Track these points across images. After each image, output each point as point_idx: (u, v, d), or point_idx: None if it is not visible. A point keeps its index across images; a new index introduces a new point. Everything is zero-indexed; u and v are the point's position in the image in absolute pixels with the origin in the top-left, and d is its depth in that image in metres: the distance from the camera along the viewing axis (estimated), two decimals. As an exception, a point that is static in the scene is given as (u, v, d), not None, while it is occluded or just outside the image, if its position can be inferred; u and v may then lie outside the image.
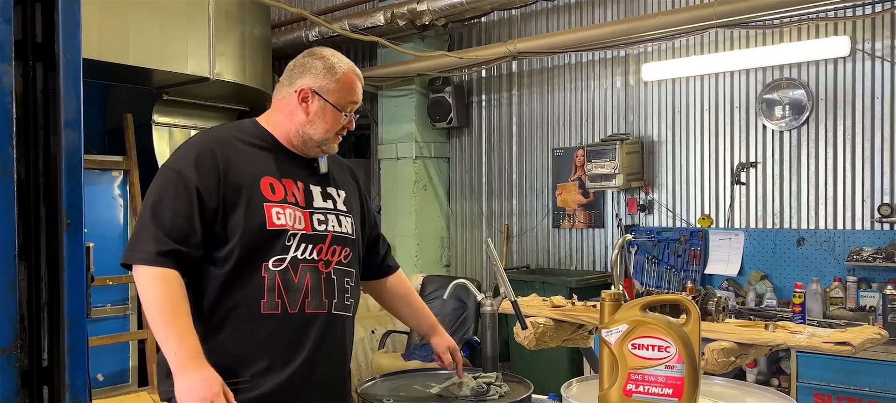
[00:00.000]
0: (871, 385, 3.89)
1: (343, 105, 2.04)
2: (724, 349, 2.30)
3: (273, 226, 1.92)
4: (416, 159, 6.57)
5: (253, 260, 1.91)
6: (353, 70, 2.10)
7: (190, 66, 5.27)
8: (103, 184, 5.42)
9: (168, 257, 1.84)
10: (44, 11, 1.21)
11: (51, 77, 1.21)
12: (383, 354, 5.62)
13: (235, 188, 1.91)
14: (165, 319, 1.81)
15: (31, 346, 1.19)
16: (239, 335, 1.92)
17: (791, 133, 4.92)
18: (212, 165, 1.91)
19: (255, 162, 1.98)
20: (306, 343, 1.96)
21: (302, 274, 1.95)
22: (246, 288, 1.92)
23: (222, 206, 1.90)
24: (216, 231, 1.91)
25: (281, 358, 1.93)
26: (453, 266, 6.77)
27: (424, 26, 6.12)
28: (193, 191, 1.88)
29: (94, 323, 5.04)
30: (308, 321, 1.96)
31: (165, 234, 1.85)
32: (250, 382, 1.91)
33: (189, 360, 1.78)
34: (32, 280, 1.19)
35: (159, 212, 1.88)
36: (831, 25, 4.72)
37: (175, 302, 1.83)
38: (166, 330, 1.81)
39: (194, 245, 1.88)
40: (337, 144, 2.09)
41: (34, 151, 1.20)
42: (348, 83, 2.06)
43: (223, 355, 1.90)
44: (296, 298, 1.94)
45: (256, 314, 1.91)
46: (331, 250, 2.01)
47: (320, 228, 2.01)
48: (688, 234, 5.25)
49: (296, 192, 2.00)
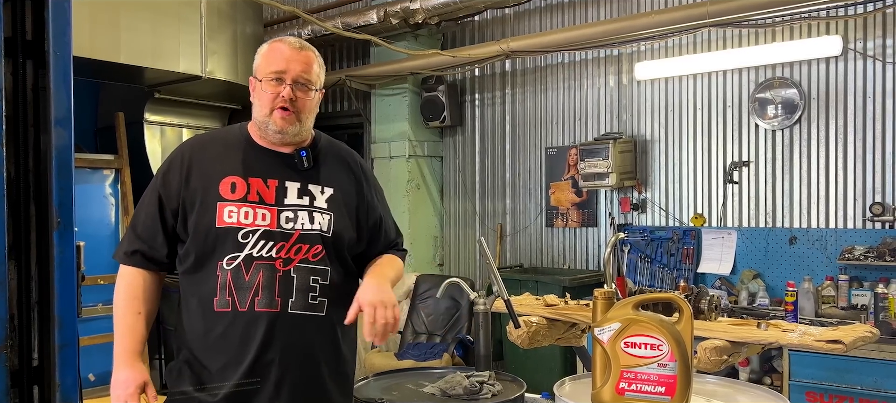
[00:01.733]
0: (862, 384, 3.91)
1: (266, 75, 2.00)
2: (717, 347, 2.30)
3: (222, 224, 1.95)
4: (409, 158, 6.56)
5: (209, 258, 1.97)
6: (283, 39, 2.06)
7: (182, 65, 5.25)
8: (94, 182, 5.40)
9: (134, 256, 2.01)
10: (34, 8, 1.20)
11: (41, 74, 1.20)
12: (376, 353, 5.61)
13: (193, 190, 2.00)
14: (117, 315, 2.00)
15: (21, 346, 1.18)
16: (199, 333, 1.98)
17: (783, 132, 4.93)
18: (178, 169, 2.03)
19: (222, 162, 2.02)
20: (254, 342, 1.94)
21: (254, 272, 1.94)
22: (204, 286, 1.97)
23: (181, 208, 2.00)
24: (179, 232, 2.02)
25: (234, 357, 1.95)
26: (446, 265, 6.77)
27: (417, 25, 6.12)
28: (157, 194, 2.03)
29: (86, 322, 5.01)
30: (256, 319, 1.94)
31: (136, 235, 2.03)
32: (261, 383, 1.94)
33: (121, 355, 1.96)
34: (22, 279, 1.19)
35: (137, 214, 2.07)
36: (823, 25, 4.73)
37: (128, 300, 2.00)
38: (115, 325, 1.99)
39: (158, 244, 2.01)
40: (288, 122, 2.00)
41: (24, 149, 1.19)
42: (271, 53, 2.02)
43: (191, 353, 1.99)
44: (245, 296, 1.94)
45: (211, 311, 1.96)
46: (294, 248, 1.97)
47: (287, 226, 1.98)
48: (681, 233, 5.26)
49: (263, 190, 1.99)
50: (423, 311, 5.76)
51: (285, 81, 1.99)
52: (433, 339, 5.56)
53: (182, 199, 1.99)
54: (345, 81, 6.60)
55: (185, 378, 1.99)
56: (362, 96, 7.01)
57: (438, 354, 5.22)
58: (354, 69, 6.82)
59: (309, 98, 2.03)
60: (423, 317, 5.74)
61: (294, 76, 1.99)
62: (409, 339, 5.67)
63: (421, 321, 5.74)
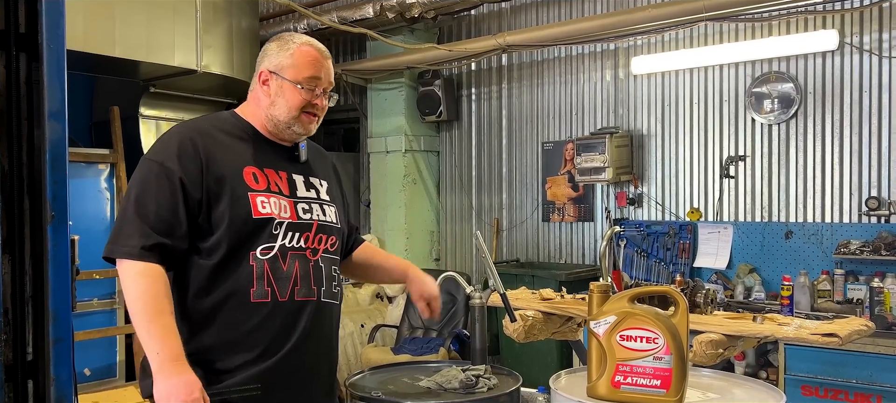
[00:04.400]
0: (858, 377, 3.92)
1: (300, 80, 1.98)
2: (713, 341, 2.30)
3: (259, 215, 1.92)
4: (405, 153, 6.55)
5: (241, 249, 1.91)
6: (311, 43, 2.04)
7: (177, 59, 5.23)
8: (90, 177, 5.38)
9: (153, 251, 1.82)
10: (27, 1, 1.19)
11: (35, 68, 1.20)
12: (372, 348, 5.61)
13: (218, 178, 1.90)
14: (149, 317, 1.79)
15: (15, 340, 1.18)
16: (227, 324, 1.91)
17: (780, 126, 4.93)
18: (194, 155, 1.89)
19: (235, 152, 1.97)
20: (296, 331, 1.95)
21: (290, 262, 1.95)
22: (235, 277, 1.90)
23: (206, 197, 1.89)
24: (201, 222, 1.89)
25: (271, 346, 1.93)
26: (443, 259, 6.77)
27: (414, 19, 6.10)
28: (177, 181, 1.86)
29: (81, 317, 5.01)
30: (298, 309, 1.96)
31: (150, 227, 1.83)
32: (260, 388, 1.92)
33: (170, 361, 1.76)
34: (16, 273, 1.18)
35: (143, 205, 1.85)
36: (820, 19, 4.73)
37: (159, 300, 1.80)
38: (149, 328, 1.79)
39: (179, 237, 1.86)
40: (313, 124, 2.03)
41: (18, 143, 1.19)
42: (303, 56, 2.00)
43: (210, 345, 1.90)
44: (285, 286, 1.94)
45: (246, 302, 1.91)
46: (317, 238, 2.01)
47: (305, 217, 2.00)
48: (677, 228, 5.27)
49: (279, 182, 2.00)
50: (419, 306, 5.75)
51: (319, 90, 2.02)
52: (429, 334, 5.57)
53: (206, 187, 1.89)
54: (341, 76, 6.58)
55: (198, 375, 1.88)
56: (358, 91, 7.00)
57: (434, 348, 5.23)
58: (350, 63, 6.81)
59: (327, 104, 2.09)
60: (419, 312, 5.73)
61: (326, 85, 2.04)
62: (406, 334, 5.67)
63: (417, 315, 5.73)
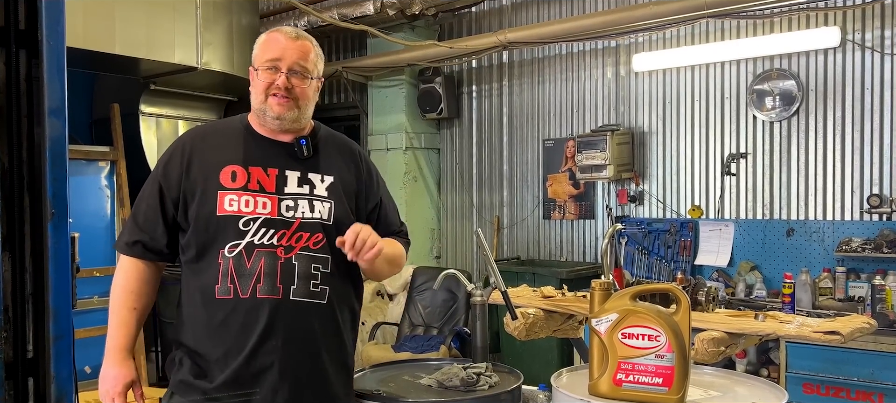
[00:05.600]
0: (859, 375, 3.92)
1: (261, 64, 2.04)
2: (714, 338, 2.30)
3: (223, 212, 1.97)
4: (406, 150, 6.55)
5: (210, 247, 1.98)
6: (279, 29, 2.09)
7: (177, 56, 5.23)
8: (90, 174, 5.38)
9: (134, 247, 2.03)
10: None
11: (34, 65, 1.19)
12: (373, 346, 5.61)
13: (194, 180, 2.01)
14: (112, 308, 2.03)
15: (15, 337, 1.17)
16: (200, 321, 1.99)
17: (781, 124, 4.93)
18: (179, 160, 2.04)
19: (223, 151, 2.04)
20: (256, 328, 1.95)
21: (256, 259, 1.95)
22: (205, 274, 1.98)
23: (182, 198, 2.02)
24: (180, 222, 2.03)
25: (235, 344, 1.95)
26: (444, 257, 6.76)
27: (414, 16, 6.09)
28: (158, 184, 2.04)
29: (82, 314, 5.00)
30: (258, 305, 1.95)
31: (137, 226, 2.04)
32: (253, 394, 1.94)
33: (113, 351, 2.00)
34: (17, 270, 1.18)
35: (137, 205, 2.08)
36: (821, 16, 4.72)
37: (125, 294, 2.02)
38: (110, 317, 2.02)
39: (158, 235, 2.02)
40: (284, 107, 2.01)
41: (18, 140, 1.19)
42: (266, 42, 2.07)
43: (190, 341, 2.00)
44: (247, 283, 1.95)
45: (212, 299, 1.97)
46: (296, 236, 1.99)
47: (288, 214, 2.00)
48: (678, 225, 5.26)
49: (263, 179, 2.01)
50: (419, 303, 5.75)
51: (281, 69, 2.02)
52: (430, 331, 5.56)
53: (183, 189, 2.01)
54: (341, 73, 6.58)
55: (186, 368, 2.00)
56: (359, 88, 6.99)
57: (435, 346, 5.22)
58: (351, 61, 6.80)
59: (306, 85, 2.05)
60: (419, 310, 5.73)
61: (289, 64, 2.02)
62: (406, 331, 5.67)
63: (418, 313, 5.73)
